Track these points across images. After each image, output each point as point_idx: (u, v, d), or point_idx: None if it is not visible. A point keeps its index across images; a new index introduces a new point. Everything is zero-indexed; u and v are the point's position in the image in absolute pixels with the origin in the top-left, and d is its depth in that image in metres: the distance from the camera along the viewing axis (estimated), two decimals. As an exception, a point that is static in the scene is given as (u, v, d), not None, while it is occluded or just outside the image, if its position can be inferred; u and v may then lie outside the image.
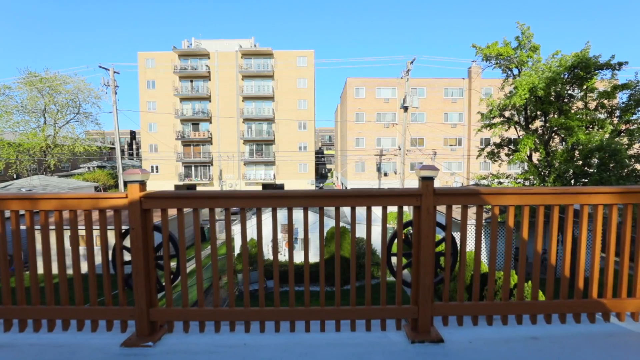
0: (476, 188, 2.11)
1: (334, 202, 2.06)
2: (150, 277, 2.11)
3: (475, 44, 11.92)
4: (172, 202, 2.09)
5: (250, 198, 2.06)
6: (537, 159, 12.57)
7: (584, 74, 10.26)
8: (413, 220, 2.13)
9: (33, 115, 33.59)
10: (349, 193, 2.05)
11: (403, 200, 2.08)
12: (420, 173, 2.03)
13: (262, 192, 2.07)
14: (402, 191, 2.07)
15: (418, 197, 2.05)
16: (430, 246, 2.07)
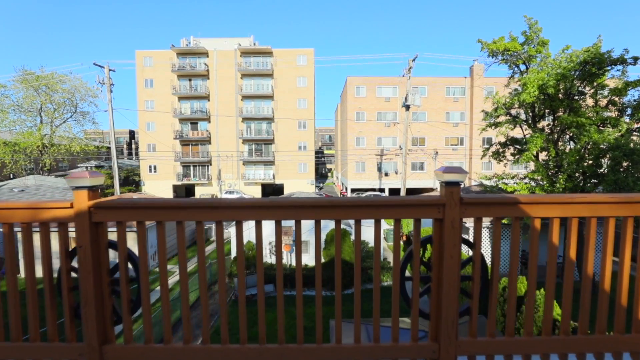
0: (513, 196, 1.68)
1: (333, 213, 1.64)
2: (104, 307, 1.69)
3: (481, 39, 11.47)
4: (131, 213, 1.66)
5: (235, 209, 1.63)
6: (542, 159, 12.15)
7: (596, 70, 9.82)
8: (433, 236, 1.71)
9: (29, 114, 33.18)
10: (354, 202, 1.62)
11: (421, 212, 1.65)
12: (444, 177, 1.61)
13: (251, 201, 1.64)
14: (420, 200, 1.64)
15: (440, 207, 1.63)
16: (455, 268, 1.64)
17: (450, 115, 35.76)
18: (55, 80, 32.95)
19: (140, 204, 1.64)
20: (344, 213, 1.63)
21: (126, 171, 44.55)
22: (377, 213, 1.64)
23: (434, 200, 1.63)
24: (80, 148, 35.60)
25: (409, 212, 1.65)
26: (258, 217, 1.63)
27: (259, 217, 1.63)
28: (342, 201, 1.61)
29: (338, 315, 1.74)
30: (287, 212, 1.63)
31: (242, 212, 1.63)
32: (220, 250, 1.69)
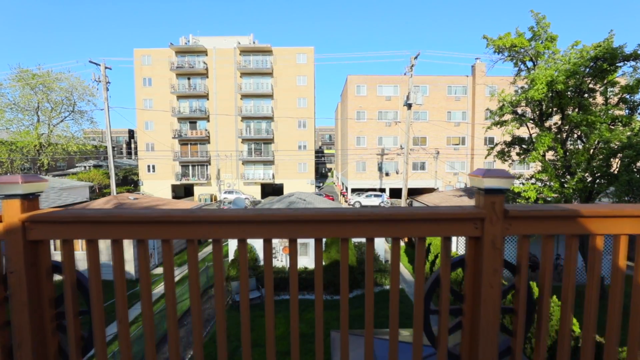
0: (571, 207, 1.31)
1: (340, 230, 1.27)
2: (47, 348, 1.32)
3: (487, 35, 11.09)
4: (80, 229, 1.29)
5: (213, 224, 1.27)
6: (549, 158, 11.78)
7: (607, 67, 9.44)
8: (466, 258, 1.34)
9: (26, 113, 32.79)
10: (367, 216, 1.25)
11: (452, 228, 1.28)
12: (483, 183, 1.23)
13: (234, 213, 1.26)
14: (451, 213, 1.27)
15: (477, 222, 1.26)
16: (495, 300, 1.28)
17: (451, 114, 35.37)
18: (52, 79, 32.57)
19: (91, 217, 1.27)
20: (354, 229, 1.26)
21: (124, 171, 44.22)
22: (396, 229, 1.27)
23: (470, 213, 1.26)
24: (77, 147, 35.22)
25: (437, 229, 1.28)
26: (242, 235, 1.27)
27: (244, 234, 1.27)
28: (351, 214, 1.24)
29: (344, 329, 1.37)
30: (279, 228, 1.26)
31: (221, 229, 1.26)
32: (193, 278, 1.32)
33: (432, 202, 17.44)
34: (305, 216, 1.24)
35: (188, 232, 1.27)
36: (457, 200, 16.23)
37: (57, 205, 16.71)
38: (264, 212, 1.25)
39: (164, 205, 17.10)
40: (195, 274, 1.32)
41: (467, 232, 1.28)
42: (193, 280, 1.31)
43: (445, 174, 35.22)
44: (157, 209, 1.31)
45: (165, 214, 1.25)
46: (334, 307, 10.41)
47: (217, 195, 37.20)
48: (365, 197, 31.25)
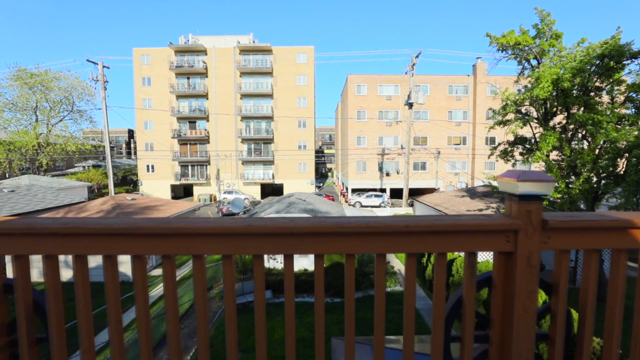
0: (622, 217, 1.09)
1: (345, 244, 1.06)
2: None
3: (490, 32, 10.88)
4: (35, 242, 1.08)
5: (193, 237, 1.06)
6: (553, 158, 11.57)
7: (614, 64, 9.22)
8: (494, 276, 1.14)
9: (24, 112, 32.61)
10: (377, 227, 1.03)
11: (479, 241, 1.08)
12: (519, 187, 1.03)
13: (219, 225, 1.05)
14: (478, 224, 1.06)
15: (510, 234, 1.06)
16: (529, 326, 1.08)
17: (452, 114, 35.14)
18: (50, 78, 32.37)
19: (49, 228, 1.06)
20: (361, 244, 1.05)
21: (124, 171, 44.02)
22: (412, 244, 1.06)
23: (501, 223, 1.05)
24: (76, 147, 35.03)
25: (460, 242, 1.08)
26: (228, 250, 1.06)
27: (230, 249, 1.06)
28: (358, 226, 1.03)
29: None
30: (273, 242, 1.06)
31: (203, 242, 1.06)
32: (171, 300, 1.11)
33: (434, 203, 17.22)
34: (303, 228, 1.04)
35: (163, 247, 1.06)
36: (459, 201, 16.01)
37: (54, 206, 16.50)
38: (254, 223, 1.04)
39: (163, 205, 16.90)
40: (172, 295, 1.11)
41: (496, 246, 1.07)
42: (170, 302, 1.10)
43: (446, 174, 35.01)
44: (126, 218, 1.10)
45: (135, 225, 1.05)
46: (335, 310, 10.20)
47: (217, 195, 36.99)
48: (366, 197, 31.04)
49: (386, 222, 1.03)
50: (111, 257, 1.08)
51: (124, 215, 13.61)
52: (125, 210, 14.34)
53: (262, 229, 1.03)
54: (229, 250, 1.06)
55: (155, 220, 1.07)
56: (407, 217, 1.08)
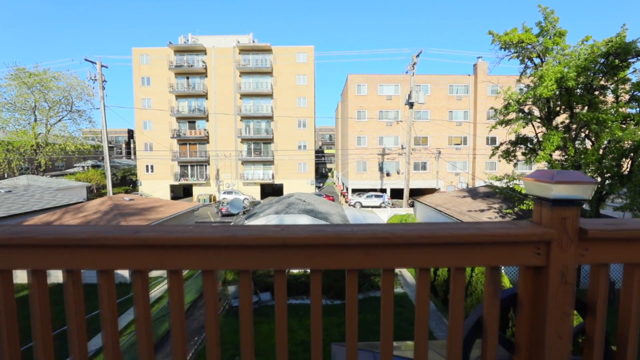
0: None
1: (345, 259, 0.90)
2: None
3: (492, 30, 10.72)
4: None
5: (167, 249, 0.90)
6: (556, 158, 11.43)
7: (619, 63, 9.07)
8: (520, 295, 0.98)
9: (23, 112, 32.45)
10: (384, 238, 0.87)
11: (504, 254, 0.92)
12: (553, 190, 0.86)
13: (198, 234, 0.89)
14: (501, 233, 0.90)
15: (541, 246, 0.89)
16: (564, 353, 0.92)
17: (453, 114, 34.97)
18: (49, 78, 32.21)
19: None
20: (366, 257, 0.89)
21: (123, 171, 43.87)
22: (425, 257, 0.90)
23: (530, 233, 0.89)
24: (75, 147, 34.87)
25: (481, 256, 0.92)
26: (209, 265, 0.90)
27: (211, 263, 0.90)
28: (362, 236, 0.87)
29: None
30: (261, 255, 0.90)
31: (179, 256, 0.90)
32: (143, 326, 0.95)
33: (435, 203, 17.06)
34: (297, 238, 0.88)
35: (132, 260, 0.90)
36: (460, 201, 15.84)
37: (51, 206, 16.35)
38: (238, 232, 0.88)
39: (161, 206, 16.75)
40: (146, 317, 0.95)
41: (524, 259, 0.91)
42: (142, 328, 0.94)
43: (447, 174, 34.84)
44: (89, 226, 0.94)
45: (98, 235, 0.89)
46: (335, 313, 10.04)
47: (216, 195, 36.83)
48: (366, 197, 30.88)
49: (396, 232, 0.87)
50: (73, 272, 0.93)
51: (121, 216, 13.46)
52: (123, 211, 14.19)
53: (248, 240, 0.87)
54: (210, 265, 0.90)
55: (123, 230, 0.91)
56: (419, 225, 0.92)
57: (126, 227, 0.95)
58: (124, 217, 13.51)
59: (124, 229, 0.92)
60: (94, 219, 13.15)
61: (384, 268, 0.90)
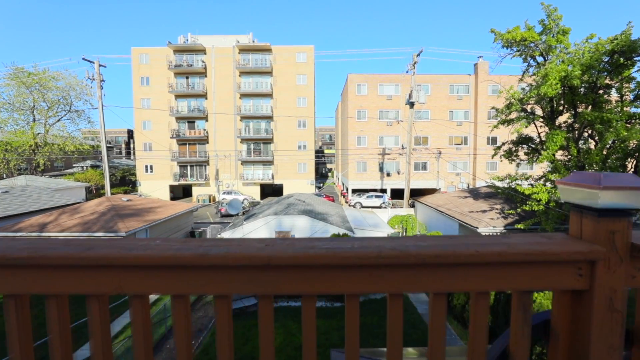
0: None
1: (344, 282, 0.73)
2: None
3: (495, 28, 10.56)
4: None
5: (123, 269, 0.74)
6: (559, 158, 11.27)
7: (624, 61, 8.91)
8: (554, 323, 0.81)
9: (21, 112, 32.30)
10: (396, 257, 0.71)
11: (537, 276, 0.74)
12: (600, 198, 0.70)
13: (161, 252, 0.73)
14: (534, 251, 0.73)
15: (584, 265, 0.73)
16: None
17: (454, 113, 34.80)
18: (48, 78, 32.07)
19: None
20: (369, 280, 0.73)
21: (122, 171, 43.73)
22: (442, 280, 0.74)
23: (572, 251, 0.73)
24: (74, 147, 34.73)
25: (510, 277, 0.75)
26: (177, 289, 0.74)
27: (179, 287, 0.74)
28: (365, 255, 0.70)
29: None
30: (242, 278, 0.73)
31: (140, 278, 0.74)
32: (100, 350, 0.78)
33: (436, 204, 16.89)
34: (284, 257, 0.71)
35: (83, 283, 0.74)
36: (462, 202, 15.67)
37: (48, 207, 16.19)
38: (212, 250, 0.72)
39: (159, 207, 16.59)
40: (105, 353, 0.79)
41: (562, 281, 0.75)
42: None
43: (447, 174, 34.68)
44: (34, 241, 0.78)
45: (40, 252, 0.72)
46: (335, 316, 9.88)
47: (216, 195, 36.68)
48: (366, 197, 30.71)
49: (407, 249, 0.71)
50: (14, 297, 0.76)
51: (118, 217, 13.30)
52: (121, 212, 14.04)
53: (223, 260, 0.71)
54: (179, 289, 0.74)
55: (73, 246, 0.75)
56: (434, 240, 0.76)
57: (80, 242, 0.79)
58: (122, 218, 13.35)
59: (75, 246, 0.76)
60: (91, 220, 12.99)
61: (392, 293, 0.74)
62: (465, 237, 0.80)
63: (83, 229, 12.35)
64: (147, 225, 13.59)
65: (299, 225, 13.13)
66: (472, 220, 12.88)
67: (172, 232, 16.18)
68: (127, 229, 12.39)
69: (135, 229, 12.69)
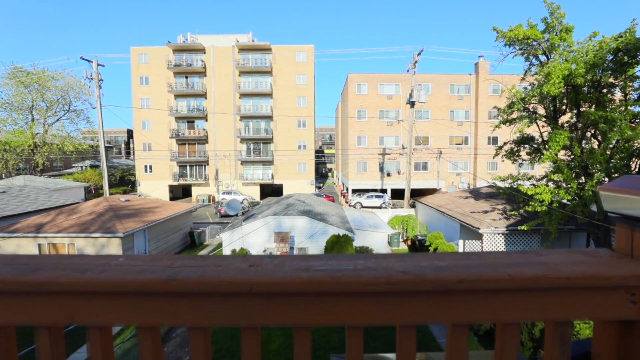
0: None
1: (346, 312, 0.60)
2: None
3: (497, 27, 10.43)
4: None
5: (75, 296, 0.61)
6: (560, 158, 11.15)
7: (628, 59, 8.77)
8: (594, 353, 0.68)
9: (20, 112, 32.18)
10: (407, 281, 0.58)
11: (578, 304, 0.62)
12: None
13: (117, 277, 0.61)
14: (575, 273, 0.60)
15: (635, 291, 0.60)
16: None
17: (454, 113, 34.65)
18: (47, 77, 31.94)
19: None
20: (373, 310, 0.59)
21: (122, 171, 43.61)
22: (462, 309, 0.60)
23: (620, 273, 0.59)
24: (73, 147, 34.61)
25: (545, 306, 0.62)
26: (140, 319, 0.60)
27: (143, 316, 0.60)
28: (370, 280, 0.57)
29: None
30: (218, 305, 0.60)
31: (96, 306, 0.60)
32: None
33: (437, 204, 16.76)
34: (270, 284, 0.58)
35: (25, 312, 0.61)
36: (463, 202, 15.54)
37: (46, 207, 16.07)
38: (182, 274, 0.59)
39: (158, 207, 16.46)
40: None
41: (609, 310, 0.61)
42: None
43: (448, 174, 34.55)
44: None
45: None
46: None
47: (216, 195, 36.55)
48: (367, 197, 30.57)
49: (423, 273, 0.57)
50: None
51: (116, 218, 13.17)
52: (119, 212, 13.90)
53: (196, 285, 0.57)
54: (142, 319, 0.60)
55: (14, 265, 0.62)
56: (454, 258, 0.62)
57: (27, 260, 0.65)
58: (119, 218, 13.21)
59: (20, 266, 0.63)
60: (88, 221, 12.85)
61: (403, 325, 0.61)
62: (491, 255, 0.67)
63: (80, 229, 12.22)
64: (145, 225, 13.46)
65: (299, 226, 12.99)
66: (473, 220, 12.75)
67: (171, 232, 16.04)
68: (124, 229, 12.26)
69: (133, 230, 12.56)
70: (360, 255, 0.68)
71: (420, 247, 15.95)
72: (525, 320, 0.63)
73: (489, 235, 12.26)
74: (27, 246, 12.28)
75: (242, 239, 12.91)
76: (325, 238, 12.55)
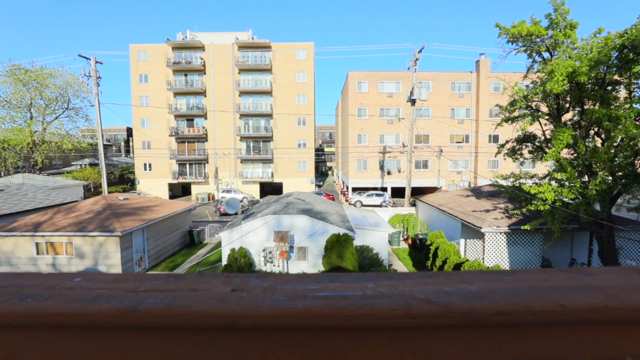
0: None
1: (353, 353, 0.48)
2: None
3: (499, 23, 10.27)
4: None
5: (17, 330, 0.49)
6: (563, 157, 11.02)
7: (633, 56, 8.62)
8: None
9: (18, 110, 32.02)
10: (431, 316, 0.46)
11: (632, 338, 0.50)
12: None
13: (72, 304, 0.50)
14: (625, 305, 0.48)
15: None
16: None
17: (455, 111, 34.47)
18: (45, 75, 31.76)
19: None
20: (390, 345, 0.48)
21: (121, 169, 43.49)
22: (500, 348, 0.48)
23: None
24: (72, 145, 34.49)
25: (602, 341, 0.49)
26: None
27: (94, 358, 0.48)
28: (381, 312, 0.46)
29: None
30: (189, 344, 0.48)
31: (36, 344, 0.48)
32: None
33: (438, 203, 16.64)
34: (255, 317, 0.46)
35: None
36: (464, 201, 15.42)
37: (44, 206, 15.96)
38: (147, 303, 0.49)
39: (157, 206, 16.35)
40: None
41: None
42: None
43: (448, 172, 34.41)
44: None
45: None
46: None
47: (215, 194, 36.43)
48: (367, 196, 30.46)
49: (452, 303, 0.46)
50: None
51: (114, 216, 13.05)
52: (117, 211, 13.79)
53: (162, 317, 0.46)
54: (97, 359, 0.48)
55: None
56: (486, 282, 0.50)
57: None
58: (118, 217, 13.10)
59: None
60: (86, 219, 12.74)
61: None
62: (529, 275, 0.54)
63: (78, 228, 12.11)
64: (143, 224, 13.35)
65: (298, 225, 12.88)
66: (475, 219, 12.63)
67: (170, 231, 15.94)
68: (122, 228, 12.15)
69: (131, 228, 12.45)
70: (369, 275, 0.55)
71: (421, 246, 15.84)
72: (578, 356, 0.51)
73: (491, 235, 12.14)
74: (25, 245, 12.17)
75: (242, 238, 12.80)
76: (326, 237, 12.43)
